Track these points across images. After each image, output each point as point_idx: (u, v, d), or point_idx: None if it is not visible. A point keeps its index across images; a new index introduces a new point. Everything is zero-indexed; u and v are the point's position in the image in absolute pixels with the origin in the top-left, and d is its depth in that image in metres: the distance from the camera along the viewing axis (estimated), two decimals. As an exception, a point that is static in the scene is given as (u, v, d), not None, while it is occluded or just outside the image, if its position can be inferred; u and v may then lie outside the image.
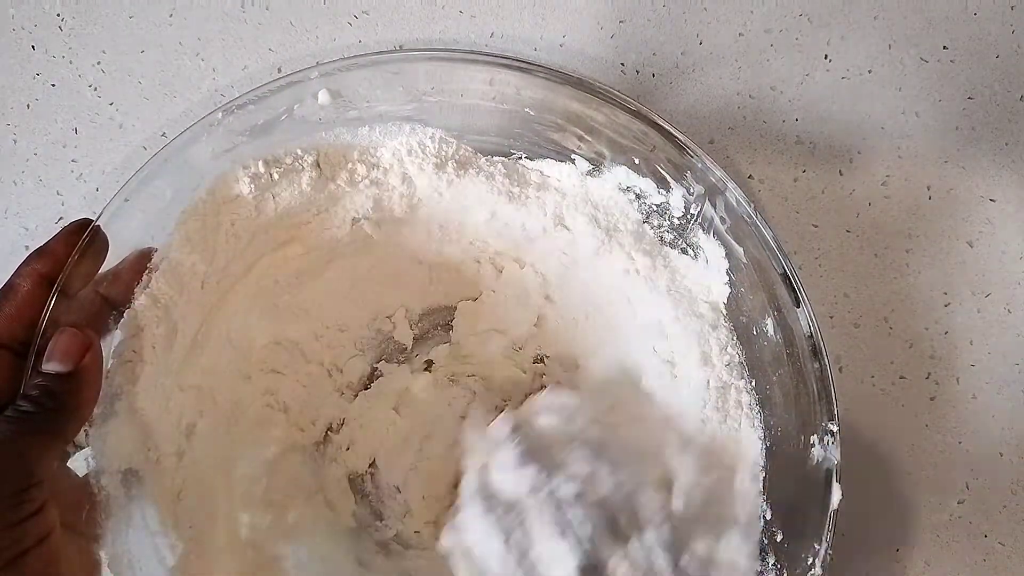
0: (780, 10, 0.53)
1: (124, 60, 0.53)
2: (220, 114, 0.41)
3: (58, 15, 0.53)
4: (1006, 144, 0.53)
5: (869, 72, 0.53)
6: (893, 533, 0.52)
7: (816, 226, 0.53)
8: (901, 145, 0.53)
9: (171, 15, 0.53)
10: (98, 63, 0.53)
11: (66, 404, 0.34)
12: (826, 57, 0.53)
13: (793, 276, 0.42)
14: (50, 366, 0.34)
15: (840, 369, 0.53)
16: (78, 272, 0.36)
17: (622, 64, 0.53)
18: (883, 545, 0.52)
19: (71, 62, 0.53)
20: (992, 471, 0.52)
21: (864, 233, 0.53)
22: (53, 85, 0.53)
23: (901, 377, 0.53)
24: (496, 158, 0.46)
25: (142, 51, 0.53)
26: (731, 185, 0.42)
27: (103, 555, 0.38)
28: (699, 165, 0.42)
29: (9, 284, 0.36)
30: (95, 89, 0.53)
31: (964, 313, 0.53)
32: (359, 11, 0.53)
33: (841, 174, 0.53)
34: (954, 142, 0.53)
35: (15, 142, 0.52)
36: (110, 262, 0.38)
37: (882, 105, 0.53)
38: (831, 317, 0.53)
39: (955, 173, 0.53)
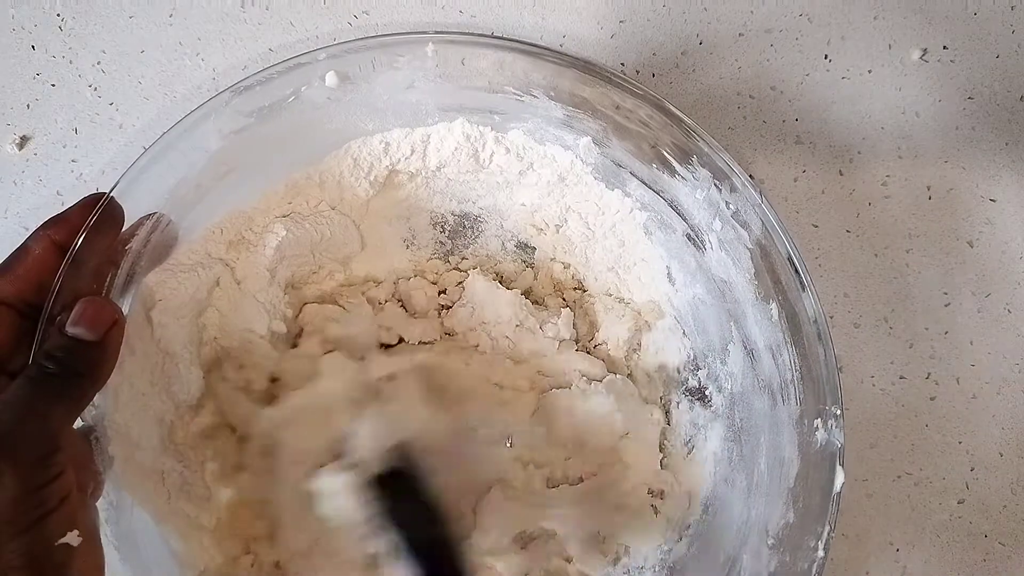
0: (780, 10, 0.53)
1: (124, 60, 0.53)
2: (228, 94, 0.41)
3: (58, 15, 0.53)
4: (1006, 144, 0.53)
5: (869, 72, 0.53)
6: (893, 533, 0.52)
7: (816, 226, 0.53)
8: (901, 145, 0.53)
9: (171, 15, 0.53)
10: (98, 63, 0.53)
11: (89, 371, 0.35)
12: (826, 57, 0.53)
13: (799, 260, 0.42)
14: (77, 331, 0.34)
15: (840, 369, 0.52)
16: (92, 242, 0.37)
17: (622, 64, 0.53)
18: (883, 545, 0.52)
19: (71, 62, 0.53)
20: (992, 471, 0.52)
21: (864, 233, 0.53)
22: (53, 85, 0.53)
23: (901, 377, 0.53)
24: (503, 136, 0.46)
25: (142, 51, 0.53)
26: (737, 169, 0.42)
27: (109, 532, 0.39)
28: (705, 149, 0.42)
29: (23, 246, 0.37)
30: (95, 89, 0.53)
31: (964, 313, 0.53)
32: (359, 11, 0.53)
33: (841, 174, 0.53)
34: (954, 142, 0.53)
35: (15, 142, 0.52)
36: None
37: (882, 105, 0.53)
38: (831, 317, 0.53)
39: (955, 173, 0.53)
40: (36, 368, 0.34)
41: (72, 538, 0.33)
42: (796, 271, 0.42)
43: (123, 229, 0.38)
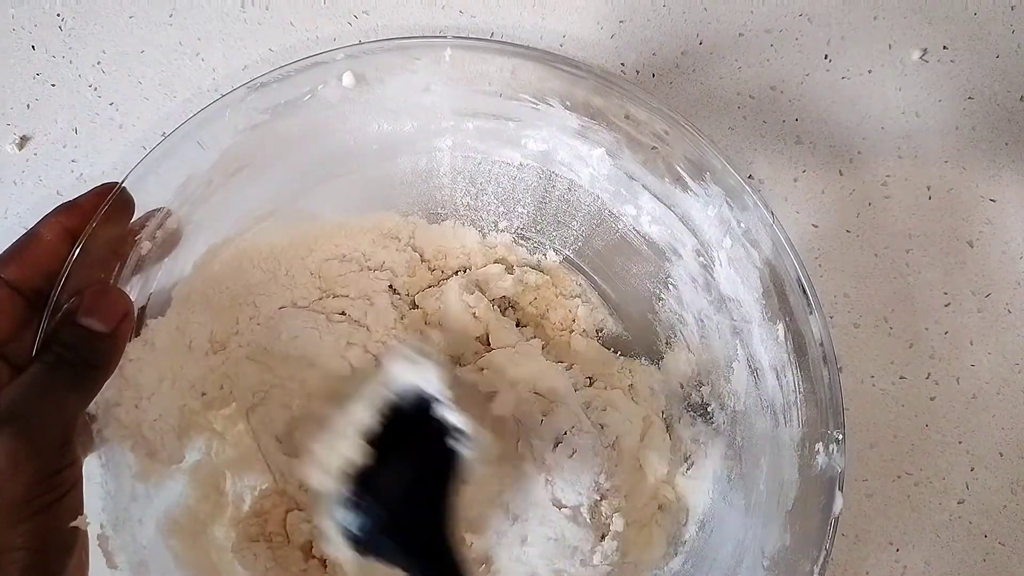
0: (780, 10, 0.53)
1: (124, 60, 0.53)
2: (244, 90, 0.41)
3: (58, 15, 0.53)
4: (1006, 144, 0.53)
5: (869, 72, 0.53)
6: (893, 533, 0.52)
7: (816, 226, 0.53)
8: (901, 145, 0.53)
9: (171, 15, 0.53)
10: (98, 63, 0.53)
11: (101, 361, 0.35)
12: (826, 57, 0.53)
13: (808, 282, 0.41)
14: (89, 322, 0.34)
15: (840, 369, 0.52)
16: (102, 232, 0.36)
17: (622, 64, 0.53)
18: (883, 545, 0.52)
19: (71, 62, 0.53)
20: (992, 471, 0.52)
21: (864, 233, 0.53)
22: (53, 85, 0.53)
23: (901, 377, 0.53)
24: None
25: (142, 51, 0.53)
26: (749, 188, 0.42)
27: (105, 518, 0.40)
28: (719, 166, 0.42)
29: (33, 232, 0.36)
30: (95, 89, 0.53)
31: (964, 313, 0.53)
32: (359, 11, 0.53)
33: (841, 174, 0.53)
34: (954, 142, 0.53)
35: (15, 142, 0.52)
36: None
37: (882, 105, 0.53)
38: (831, 317, 0.53)
39: (955, 173, 0.53)
40: (52, 355, 0.34)
41: (81, 522, 0.33)
42: (804, 293, 0.42)
43: (133, 220, 0.38)
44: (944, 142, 0.53)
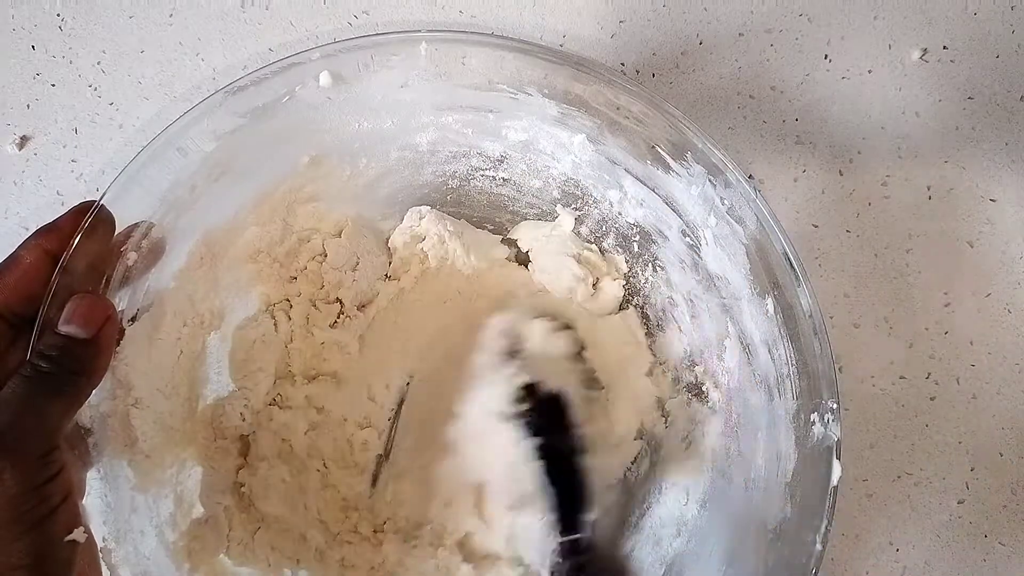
0: (780, 10, 0.53)
1: (124, 60, 0.53)
2: (222, 95, 0.40)
3: (58, 15, 0.53)
4: (1006, 144, 0.53)
5: (869, 72, 0.53)
6: (893, 533, 0.52)
7: (816, 226, 0.53)
8: (901, 145, 0.53)
9: (171, 15, 0.53)
10: (98, 63, 0.53)
11: (84, 368, 0.35)
12: (826, 57, 0.53)
13: (794, 255, 0.42)
14: (69, 328, 0.34)
15: (840, 369, 0.53)
16: (83, 250, 0.36)
17: (622, 64, 0.53)
18: (883, 545, 0.52)
19: (71, 62, 0.53)
20: (992, 471, 0.52)
21: (864, 233, 0.53)
22: (53, 85, 0.53)
23: (901, 377, 0.53)
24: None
25: (142, 51, 0.53)
26: (731, 165, 0.42)
27: (106, 531, 0.39)
28: (699, 145, 0.42)
29: (13, 256, 0.36)
30: (95, 89, 0.53)
31: (964, 313, 0.53)
32: (359, 11, 0.53)
33: (841, 174, 0.53)
34: (954, 142, 0.53)
35: (15, 142, 0.52)
36: None
37: (882, 105, 0.53)
38: (831, 317, 0.53)
39: (955, 173, 0.53)
40: (31, 367, 0.34)
41: (79, 535, 0.33)
42: (791, 266, 0.42)
43: (116, 234, 0.38)
44: (944, 142, 0.53)
